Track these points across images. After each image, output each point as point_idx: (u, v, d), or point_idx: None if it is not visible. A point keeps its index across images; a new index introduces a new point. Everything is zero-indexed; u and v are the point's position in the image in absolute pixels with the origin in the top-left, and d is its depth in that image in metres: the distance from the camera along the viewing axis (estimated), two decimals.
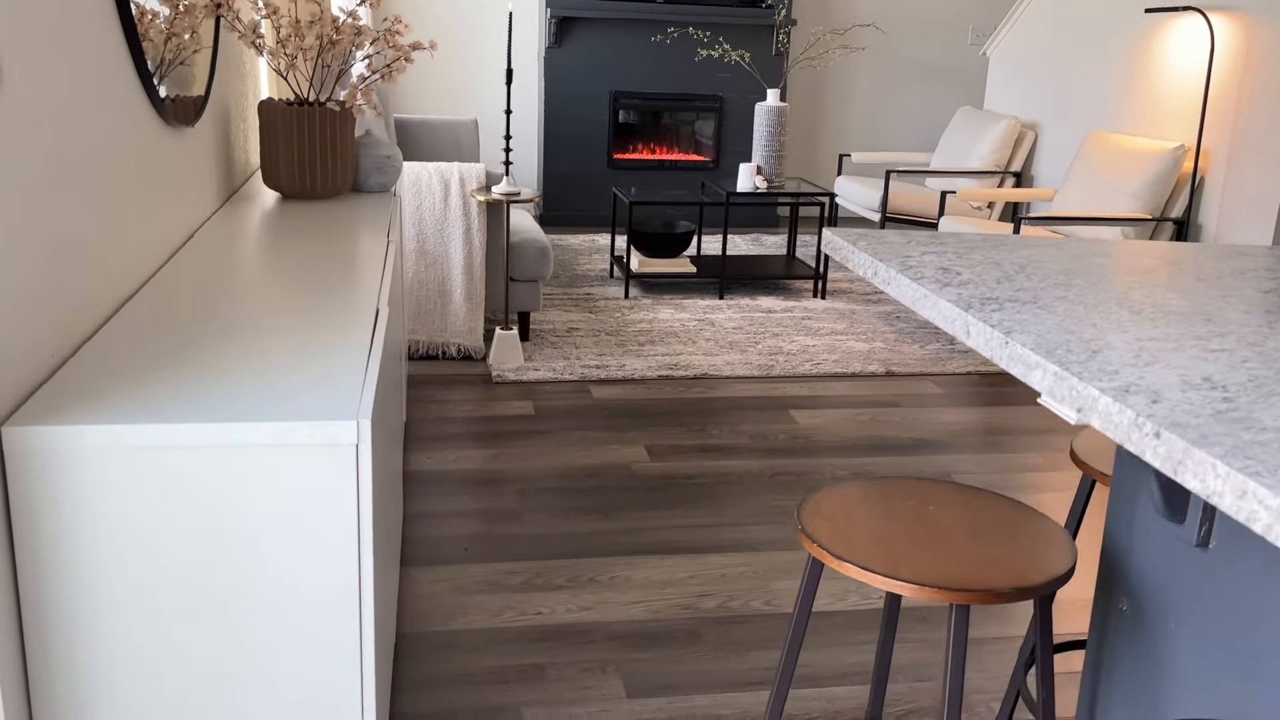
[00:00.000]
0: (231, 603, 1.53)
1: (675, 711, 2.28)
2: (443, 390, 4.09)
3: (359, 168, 3.24)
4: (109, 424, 1.45)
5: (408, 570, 2.79)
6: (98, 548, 1.48)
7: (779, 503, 3.26)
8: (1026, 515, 1.69)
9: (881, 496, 1.75)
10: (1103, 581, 1.70)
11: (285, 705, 1.58)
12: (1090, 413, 1.15)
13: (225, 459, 1.48)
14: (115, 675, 1.52)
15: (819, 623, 2.63)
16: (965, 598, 1.45)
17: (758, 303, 5.44)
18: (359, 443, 1.51)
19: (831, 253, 1.87)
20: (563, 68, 6.94)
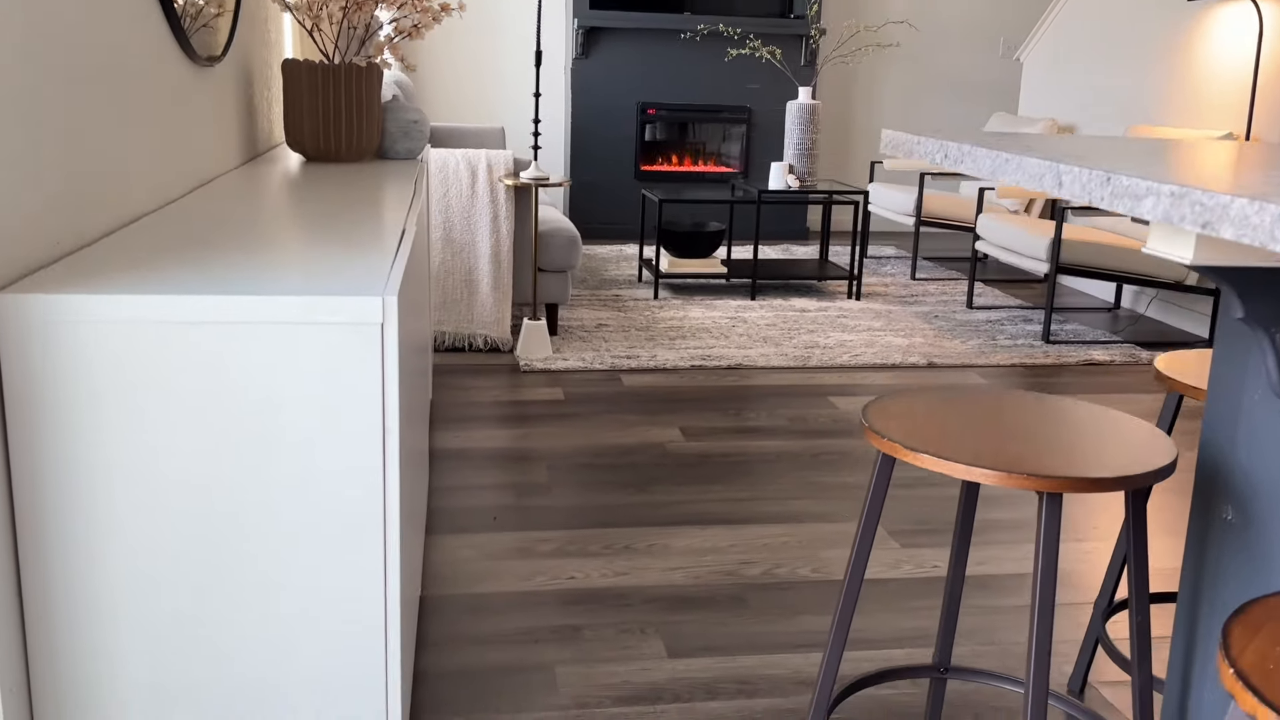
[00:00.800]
0: (244, 497, 1.39)
1: (721, 671, 2.11)
2: (469, 378, 3.96)
3: (385, 132, 3.14)
4: (115, 294, 1.32)
5: (433, 538, 2.64)
6: (99, 431, 1.34)
7: (822, 479, 3.10)
8: (1115, 416, 1.53)
9: (953, 400, 1.59)
10: (1200, 493, 1.53)
11: (299, 607, 1.44)
12: (1220, 223, 1.00)
13: (240, 337, 1.35)
14: (114, 568, 1.38)
15: (873, 590, 2.46)
16: (1056, 484, 1.30)
17: (790, 303, 5.30)
18: (384, 321, 1.38)
19: (893, 150, 1.73)
20: (590, 79, 6.87)
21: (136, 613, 1.40)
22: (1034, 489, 1.30)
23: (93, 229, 1.67)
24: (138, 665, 1.42)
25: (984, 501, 2.98)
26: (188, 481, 1.37)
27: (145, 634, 1.41)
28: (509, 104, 7.20)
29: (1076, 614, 2.38)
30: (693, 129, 7.18)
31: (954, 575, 1.72)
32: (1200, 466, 1.53)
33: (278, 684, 1.46)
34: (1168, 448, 1.40)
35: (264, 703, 1.46)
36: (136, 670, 1.42)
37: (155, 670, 1.43)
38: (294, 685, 1.46)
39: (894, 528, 2.79)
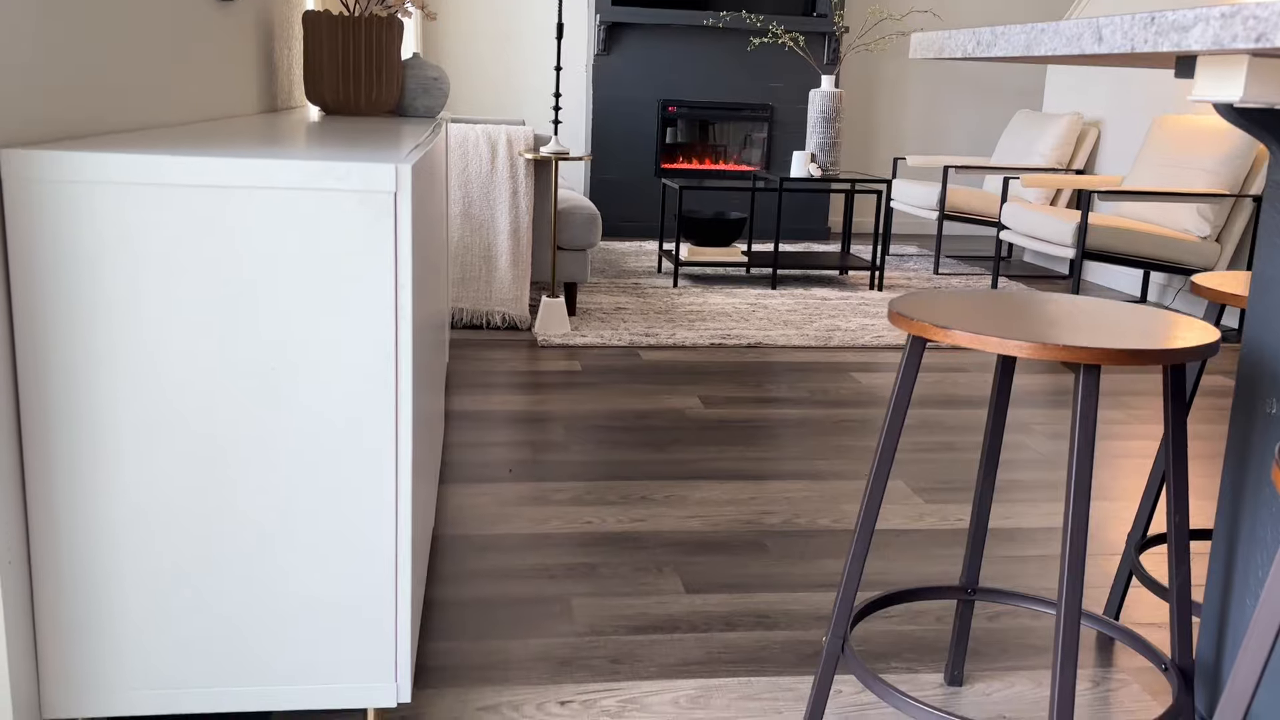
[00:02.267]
0: (248, 371, 1.35)
1: (739, 606, 2.05)
2: (486, 350, 3.92)
3: (405, 89, 3.12)
4: (120, 153, 1.29)
5: (447, 487, 2.60)
6: (102, 297, 1.31)
7: (845, 442, 3.04)
8: (1152, 309, 1.47)
9: (984, 293, 1.54)
10: (1243, 388, 1.47)
11: (303, 495, 1.39)
12: (1277, 29, 0.95)
13: (245, 203, 1.31)
14: (116, 441, 1.34)
15: (894, 539, 2.40)
16: (1093, 355, 1.24)
17: (811, 292, 5.25)
18: (398, 190, 1.34)
19: (923, 50, 1.69)
20: (611, 75, 6.87)
21: (140, 490, 1.36)
22: (1070, 360, 1.25)
23: (105, 122, 1.64)
24: (138, 542, 1.38)
25: (1005, 465, 2.91)
26: (191, 352, 1.34)
27: (147, 515, 1.37)
28: (530, 100, 7.21)
29: (1105, 564, 2.31)
30: (714, 127, 7.16)
31: (984, 481, 1.66)
32: (1243, 361, 1.47)
33: (281, 576, 1.41)
34: (1209, 331, 1.34)
35: (268, 587, 1.42)
36: (136, 547, 1.38)
37: (154, 554, 1.38)
38: (298, 576, 1.42)
39: (917, 485, 2.73)
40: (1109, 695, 1.80)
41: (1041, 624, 2.03)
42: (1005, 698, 1.77)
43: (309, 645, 1.44)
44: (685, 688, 1.76)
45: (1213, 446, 3.15)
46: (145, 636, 1.40)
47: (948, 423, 3.27)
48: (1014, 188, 6.06)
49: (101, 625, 1.39)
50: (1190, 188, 4.77)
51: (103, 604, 1.38)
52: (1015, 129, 6.33)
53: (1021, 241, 5.14)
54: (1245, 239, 4.72)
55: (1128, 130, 5.73)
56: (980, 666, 1.87)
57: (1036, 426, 3.27)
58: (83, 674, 1.40)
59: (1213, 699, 1.56)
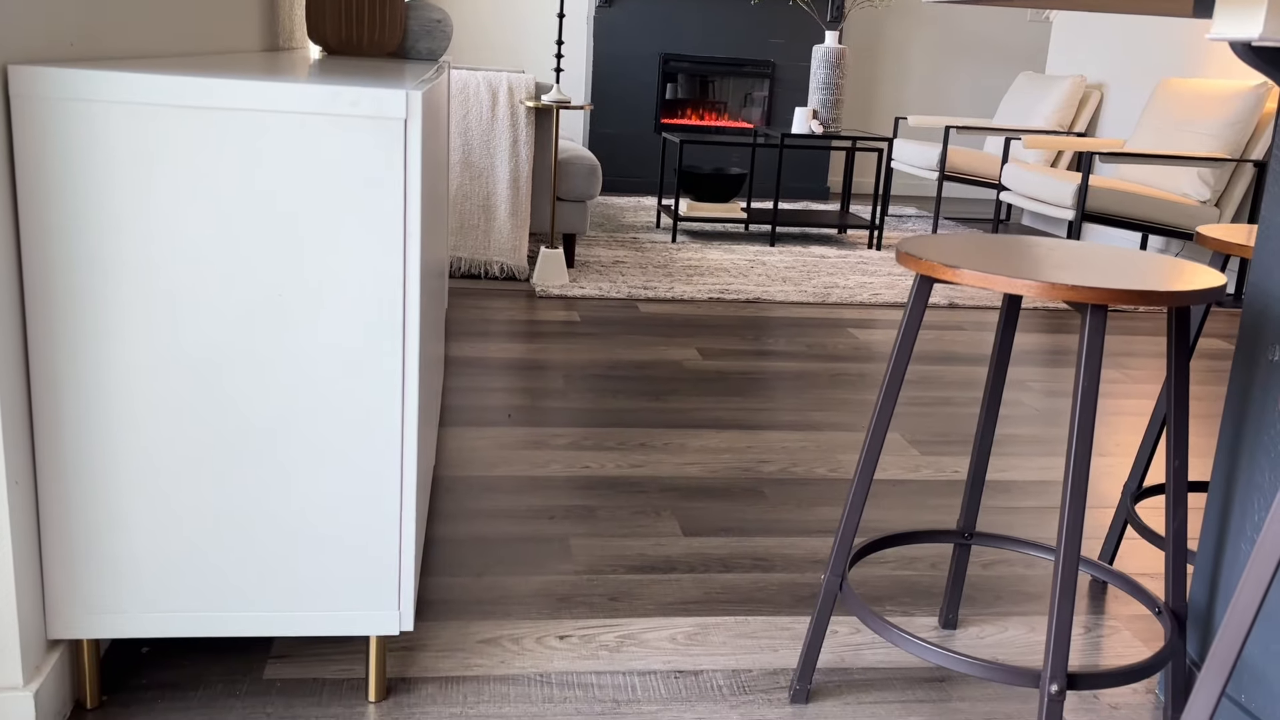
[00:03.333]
0: (256, 296, 1.35)
1: (736, 549, 2.07)
2: (485, 299, 3.92)
3: (407, 30, 3.09)
4: (129, 72, 1.28)
5: (447, 430, 2.60)
6: (110, 220, 1.30)
7: (842, 396, 3.05)
8: (1158, 255, 1.48)
9: (990, 237, 1.55)
10: (1246, 335, 1.48)
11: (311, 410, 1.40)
12: None
13: (259, 126, 1.31)
14: (122, 367, 1.35)
15: (891, 489, 2.42)
16: (1099, 295, 1.25)
17: (810, 250, 5.25)
18: (408, 117, 1.34)
19: None
20: (612, 28, 6.81)
21: (145, 415, 1.36)
22: (1077, 300, 1.25)
23: (108, 47, 1.63)
24: (144, 467, 1.38)
25: (1003, 420, 2.93)
26: (198, 276, 1.33)
27: (153, 440, 1.37)
28: (531, 50, 7.15)
29: (1100, 516, 2.33)
30: (715, 82, 7.12)
31: (985, 424, 1.67)
32: (1247, 309, 1.48)
33: (287, 501, 1.42)
34: (1214, 275, 1.35)
35: (274, 514, 1.43)
36: (142, 471, 1.38)
37: (160, 479, 1.39)
38: (304, 503, 1.43)
39: (914, 438, 2.75)
40: (1101, 641, 1.82)
41: (1035, 572, 2.05)
42: (998, 641, 1.80)
43: (313, 573, 1.45)
44: (682, 625, 1.78)
45: (1209, 407, 3.17)
46: (151, 560, 1.41)
47: (946, 379, 3.29)
48: (1015, 149, 6.04)
49: (108, 549, 1.40)
50: (1192, 152, 4.76)
51: (109, 528, 1.39)
52: (1018, 91, 6.30)
53: (1021, 203, 5.13)
54: (1245, 204, 4.72)
55: (1131, 93, 5.70)
56: (974, 611, 1.89)
57: (1034, 384, 3.28)
58: (89, 596, 1.41)
59: (1204, 644, 1.58)
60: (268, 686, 1.55)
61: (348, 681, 1.57)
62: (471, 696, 1.55)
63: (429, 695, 1.55)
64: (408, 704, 1.52)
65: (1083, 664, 1.75)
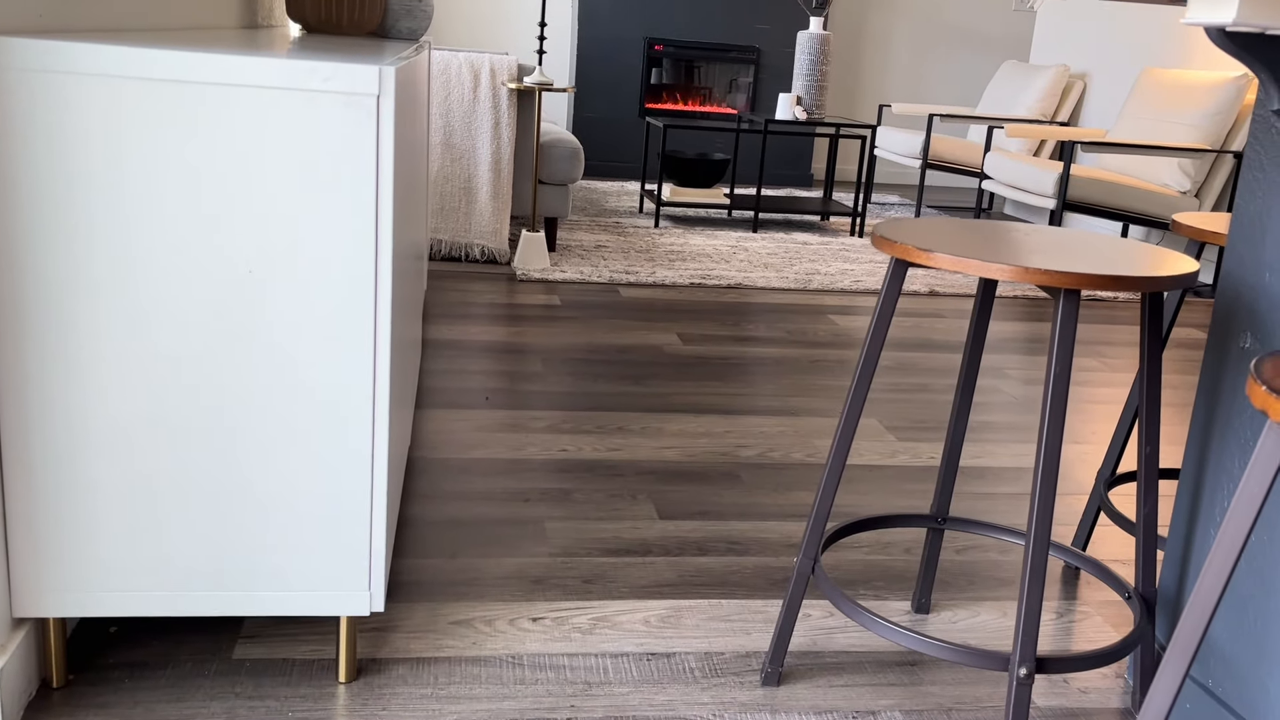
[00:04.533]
0: (226, 275, 1.34)
1: (711, 532, 2.07)
2: (465, 282, 3.91)
3: (387, 10, 3.07)
4: (99, 44, 1.26)
5: (423, 412, 2.59)
6: (79, 194, 1.29)
7: (821, 382, 3.05)
8: (1133, 241, 1.48)
9: (966, 221, 1.54)
10: (1218, 323, 1.49)
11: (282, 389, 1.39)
12: None
13: (232, 100, 1.29)
14: (91, 342, 1.33)
15: (866, 474, 2.42)
16: (1073, 280, 1.25)
17: (792, 237, 5.25)
18: (381, 94, 1.32)
19: None
20: (597, 11, 6.77)
21: (114, 391, 1.35)
22: (1050, 284, 1.26)
23: (82, 19, 1.61)
24: (111, 443, 1.37)
25: (978, 407, 2.94)
26: (169, 250, 1.32)
27: (121, 416, 1.36)
28: (514, 32, 7.11)
29: (1074, 503, 2.34)
30: (700, 68, 7.10)
31: (959, 410, 1.67)
32: (1220, 296, 1.48)
33: (257, 481, 1.41)
34: (1187, 262, 1.35)
35: (243, 492, 1.42)
36: (110, 448, 1.37)
37: (128, 456, 1.38)
38: (274, 483, 1.42)
39: (891, 424, 2.75)
40: (1071, 626, 1.83)
41: (1008, 558, 2.06)
42: (970, 625, 1.80)
43: (284, 553, 1.44)
44: (656, 608, 1.78)
45: (1182, 395, 3.19)
46: (119, 538, 1.40)
47: (924, 365, 3.29)
48: (997, 138, 6.05)
49: (74, 526, 1.39)
50: (1173, 142, 4.77)
51: (76, 504, 1.38)
52: (1001, 80, 6.30)
53: (1003, 191, 5.14)
54: (1225, 194, 4.74)
55: (1113, 83, 5.72)
56: (947, 596, 1.90)
57: (1010, 371, 3.29)
58: (55, 575, 1.40)
59: (1173, 629, 1.59)
60: (237, 666, 1.54)
61: (318, 662, 1.56)
62: (443, 678, 1.55)
63: (399, 676, 1.54)
64: (378, 685, 1.52)
65: (1054, 648, 1.76)
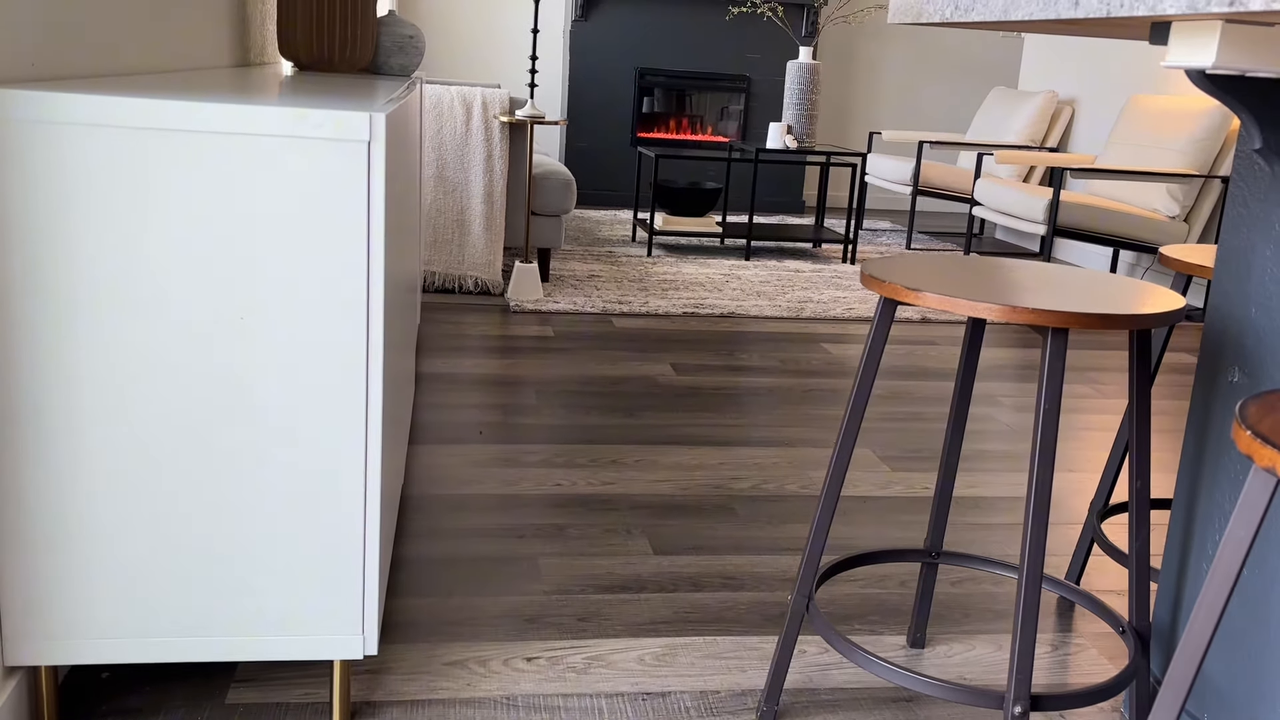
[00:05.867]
0: (218, 321, 1.34)
1: (706, 567, 2.07)
2: (458, 314, 3.91)
3: (379, 46, 3.09)
4: (90, 94, 1.27)
5: (417, 447, 2.59)
6: (71, 243, 1.29)
7: (815, 411, 3.05)
8: (1120, 277, 1.49)
9: (954, 258, 1.55)
10: (1206, 358, 1.50)
11: (273, 446, 1.39)
12: None
13: (221, 148, 1.30)
14: (84, 386, 1.33)
15: (861, 505, 2.42)
16: (1060, 319, 1.26)
17: (785, 264, 5.26)
18: (372, 140, 1.33)
19: (901, 15, 1.69)
20: (589, 42, 6.82)
21: (103, 439, 1.35)
22: (1038, 323, 1.26)
23: (73, 67, 1.62)
24: (101, 489, 1.37)
25: (972, 435, 2.94)
26: (159, 299, 1.32)
27: (110, 463, 1.36)
28: (507, 64, 7.16)
29: (1068, 533, 2.34)
30: (691, 97, 7.14)
31: (950, 447, 1.68)
32: (1207, 330, 1.49)
33: (249, 525, 1.41)
34: (1174, 299, 1.36)
35: (234, 537, 1.41)
36: (100, 494, 1.37)
37: (118, 502, 1.38)
38: (266, 526, 1.41)
39: (885, 454, 2.75)
40: (1067, 659, 1.83)
41: (1003, 590, 2.06)
42: (966, 660, 1.80)
43: (275, 597, 1.44)
44: (651, 646, 1.77)
45: (1175, 421, 3.19)
46: (111, 586, 1.40)
47: (917, 394, 3.30)
48: (987, 164, 6.08)
49: (65, 574, 1.38)
50: (1161, 168, 4.80)
51: (67, 553, 1.38)
52: (990, 106, 6.35)
53: (994, 218, 5.16)
54: (1213, 219, 4.77)
55: (1102, 109, 5.76)
56: (942, 630, 1.90)
57: (1004, 399, 3.30)
58: (46, 623, 1.39)
59: (1168, 662, 1.59)
60: (230, 711, 1.53)
61: (311, 705, 1.56)
62: None
63: (393, 719, 1.53)
64: None
65: (1049, 682, 1.76)
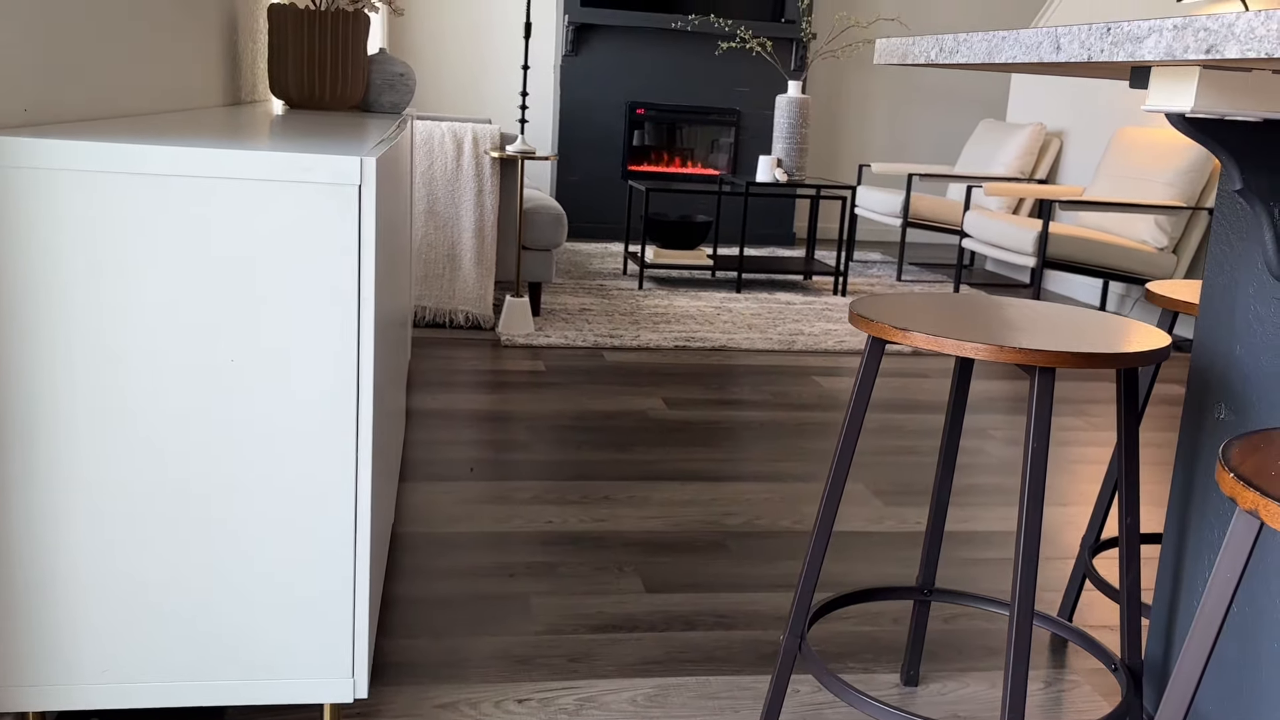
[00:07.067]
0: (209, 365, 1.34)
1: (699, 605, 2.06)
2: (449, 349, 3.91)
3: (370, 84, 3.11)
4: (82, 140, 1.28)
5: (407, 485, 2.59)
6: (62, 289, 1.29)
7: (807, 445, 3.06)
8: (1106, 315, 1.50)
9: (941, 297, 1.56)
10: (1193, 395, 1.50)
11: (262, 491, 1.38)
12: (1225, 43, 0.97)
13: (212, 193, 1.30)
14: (77, 433, 1.33)
15: (854, 541, 2.42)
16: (1047, 359, 1.26)
17: (775, 297, 5.28)
18: (362, 183, 1.34)
19: (887, 56, 1.71)
20: (579, 76, 6.87)
21: (95, 482, 1.35)
22: (1025, 363, 1.27)
23: (67, 109, 1.63)
24: (92, 534, 1.36)
25: (964, 469, 2.95)
26: (150, 343, 1.32)
27: (102, 507, 1.36)
28: (497, 98, 7.20)
29: (1061, 567, 2.34)
30: (681, 130, 7.18)
31: (940, 484, 1.68)
32: (1193, 367, 1.50)
33: (239, 569, 1.41)
34: (1160, 336, 1.37)
35: (225, 581, 1.41)
36: (91, 539, 1.36)
37: (109, 547, 1.37)
38: (256, 571, 1.41)
39: (877, 488, 2.75)
40: (1061, 696, 1.82)
41: (996, 626, 2.05)
42: (959, 698, 1.79)
43: (266, 640, 1.43)
44: (643, 686, 1.76)
45: (1167, 453, 3.20)
46: (100, 630, 1.39)
47: (909, 427, 3.30)
48: (976, 196, 6.12)
49: (55, 619, 1.37)
50: (1148, 199, 4.84)
51: (54, 599, 1.37)
52: (979, 138, 6.39)
53: (983, 250, 5.19)
54: (1201, 251, 4.80)
55: (1089, 141, 5.80)
56: (936, 667, 1.89)
57: (995, 432, 3.31)
58: (35, 668, 1.38)
59: (1161, 698, 1.59)
60: None
61: None
62: None
63: None
64: None
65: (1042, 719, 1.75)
